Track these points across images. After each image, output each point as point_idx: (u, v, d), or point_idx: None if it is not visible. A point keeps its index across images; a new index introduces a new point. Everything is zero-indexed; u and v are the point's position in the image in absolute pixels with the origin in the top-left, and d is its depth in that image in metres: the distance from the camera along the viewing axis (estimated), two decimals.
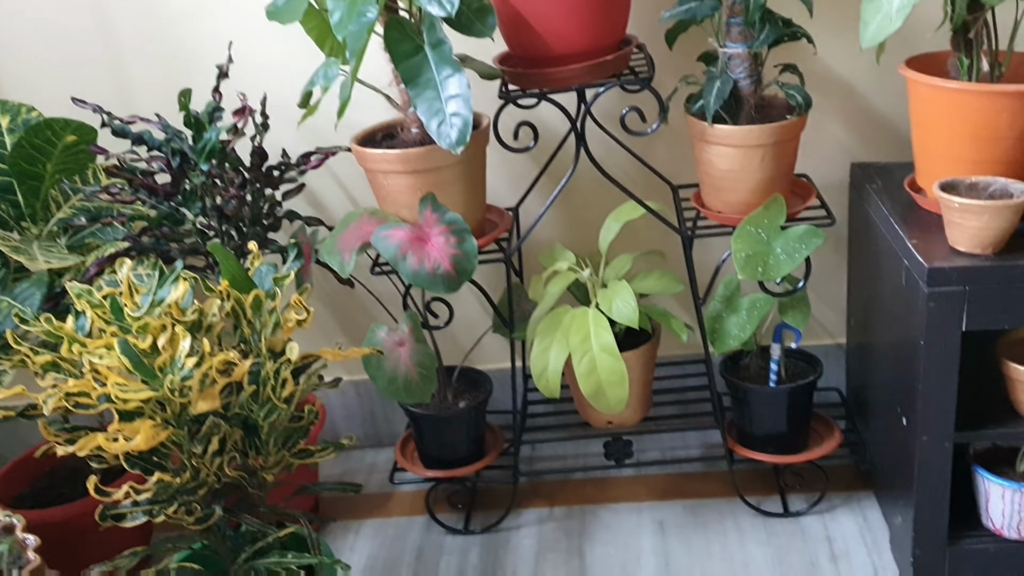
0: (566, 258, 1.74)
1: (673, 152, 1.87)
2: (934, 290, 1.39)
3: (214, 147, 1.59)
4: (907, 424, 1.53)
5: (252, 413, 1.29)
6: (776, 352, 1.74)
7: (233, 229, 1.68)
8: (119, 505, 1.25)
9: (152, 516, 1.26)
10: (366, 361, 1.64)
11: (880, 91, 1.80)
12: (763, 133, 1.54)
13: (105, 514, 1.24)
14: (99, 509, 1.23)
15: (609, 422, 1.81)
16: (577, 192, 1.91)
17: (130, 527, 1.38)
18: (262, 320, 1.36)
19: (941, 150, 1.49)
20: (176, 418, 1.23)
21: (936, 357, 1.42)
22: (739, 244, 1.58)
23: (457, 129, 1.44)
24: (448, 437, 1.82)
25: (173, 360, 1.21)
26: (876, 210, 1.62)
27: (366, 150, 1.62)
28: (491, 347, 2.08)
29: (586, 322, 1.62)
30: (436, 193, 1.59)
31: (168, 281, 1.27)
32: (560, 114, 1.77)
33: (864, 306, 1.77)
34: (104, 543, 1.57)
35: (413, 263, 1.54)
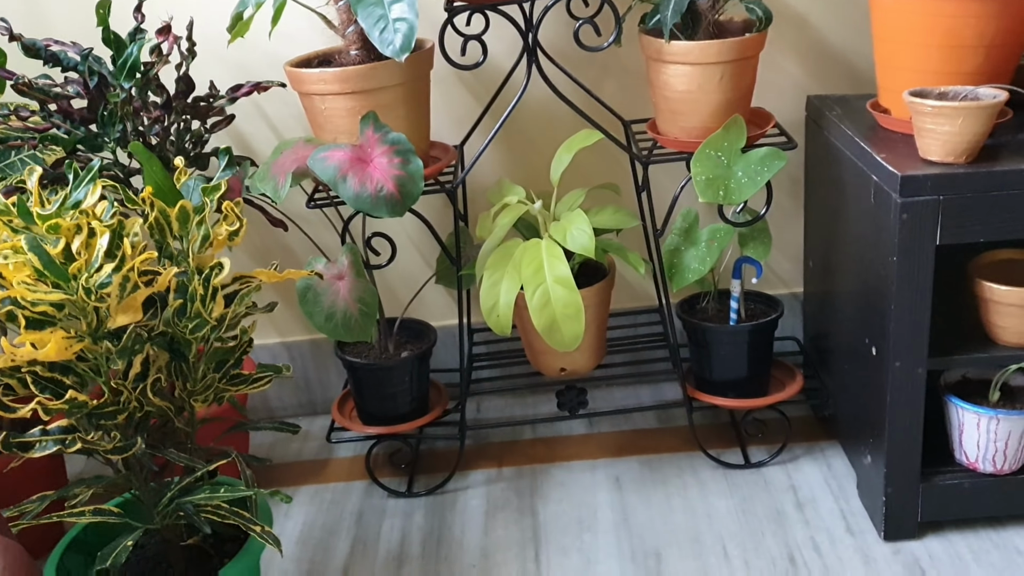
0: (515, 192, 1.64)
1: (624, 88, 1.80)
2: (907, 200, 1.32)
3: (136, 63, 1.45)
4: (877, 353, 1.47)
5: (178, 330, 1.15)
6: (736, 288, 1.66)
7: None
8: (27, 434, 1.10)
9: (64, 446, 1.11)
10: (301, 296, 1.51)
11: (835, 22, 1.76)
12: (723, 49, 1.47)
13: (9, 442, 1.09)
14: (2, 436, 1.08)
15: (562, 369, 1.70)
16: (524, 130, 1.82)
17: (40, 462, 1.23)
18: (189, 236, 1.22)
19: (907, 63, 1.44)
20: (92, 332, 1.09)
21: (909, 273, 1.36)
22: (699, 168, 1.50)
23: (402, 34, 1.34)
24: (389, 390, 1.69)
25: (89, 264, 1.07)
26: (838, 135, 1.56)
27: (301, 71, 1.50)
28: (435, 303, 1.96)
29: (539, 253, 1.52)
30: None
31: (84, 181, 1.13)
32: (503, 47, 1.69)
33: (824, 243, 1.71)
34: (11, 490, 1.41)
35: (354, 185, 1.42)
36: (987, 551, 1.51)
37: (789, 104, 1.80)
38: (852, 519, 1.60)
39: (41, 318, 1.04)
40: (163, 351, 1.19)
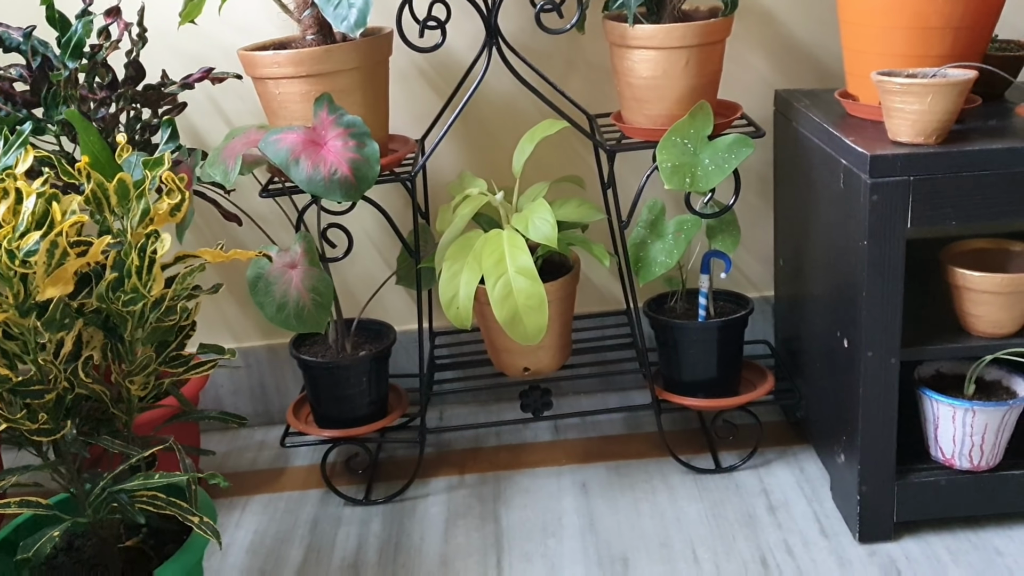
0: (477, 184, 1.59)
1: (589, 84, 1.76)
2: (877, 181, 1.29)
3: (80, 41, 1.40)
4: (849, 345, 1.42)
5: (112, 305, 1.08)
6: (705, 284, 1.61)
7: None
8: None
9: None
10: (252, 285, 1.45)
11: (801, 17, 1.73)
12: (688, 32, 1.44)
13: None
14: None
15: (526, 369, 1.64)
16: (486, 124, 1.78)
17: None
18: (130, 211, 1.16)
19: (874, 47, 1.41)
20: (19, 305, 1.02)
21: (880, 258, 1.32)
22: (665, 155, 1.46)
23: (357, 9, 1.30)
24: (347, 391, 1.62)
25: (14, 230, 1.00)
26: (807, 123, 1.52)
27: (255, 54, 1.45)
28: (394, 307, 1.90)
29: (500, 243, 1.47)
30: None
31: (13, 146, 1.07)
32: (467, 42, 1.66)
33: (795, 238, 1.67)
34: None
35: (307, 167, 1.37)
36: (965, 551, 1.45)
37: (756, 100, 1.77)
38: (826, 521, 1.55)
39: None
40: (98, 330, 1.12)
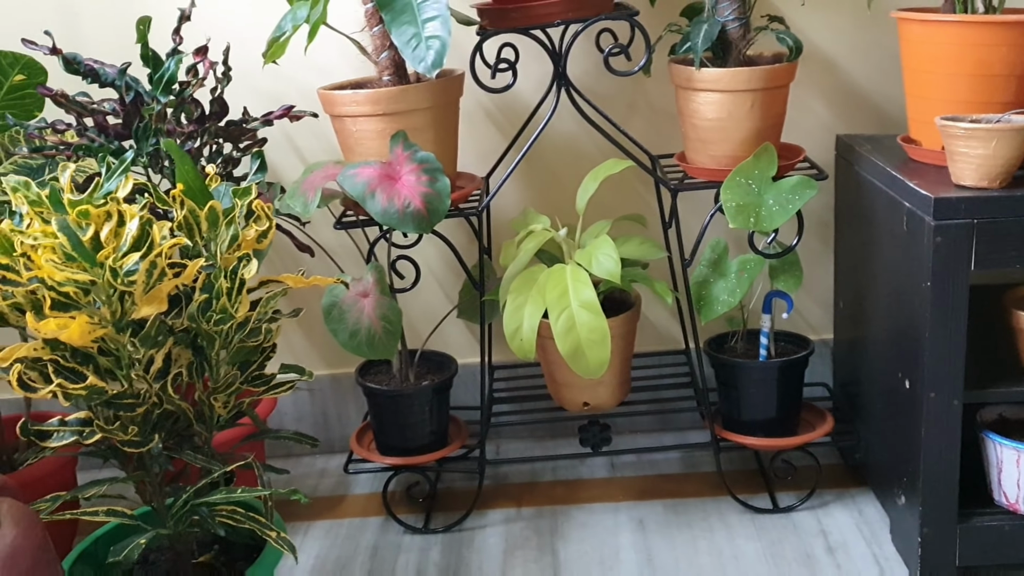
0: (540, 221, 1.64)
1: (652, 126, 1.81)
2: (941, 223, 1.31)
3: (172, 77, 1.48)
4: (911, 386, 1.43)
5: (202, 324, 1.14)
6: (767, 323, 1.63)
7: None
8: (45, 423, 1.08)
9: (82, 438, 1.09)
10: (327, 312, 1.50)
11: (862, 66, 1.77)
12: (753, 76, 1.48)
13: (28, 429, 1.06)
14: (21, 422, 1.06)
15: (585, 403, 1.67)
16: (550, 162, 1.83)
17: (53, 469, 1.21)
18: (218, 237, 1.22)
19: (938, 93, 1.44)
20: (116, 321, 1.08)
21: (944, 299, 1.34)
22: (729, 194, 1.49)
23: (435, 51, 1.35)
24: (409, 419, 1.66)
25: (116, 250, 1.06)
26: (869, 167, 1.55)
27: (335, 93, 1.52)
28: (455, 339, 1.95)
29: (564, 277, 1.51)
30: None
31: (116, 173, 1.14)
32: (532, 85, 1.71)
33: (856, 280, 1.69)
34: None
35: (382, 200, 1.42)
36: None
37: (818, 145, 1.80)
38: (886, 563, 1.54)
39: (66, 300, 1.03)
40: (186, 349, 1.17)
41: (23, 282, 1.01)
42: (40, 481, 1.50)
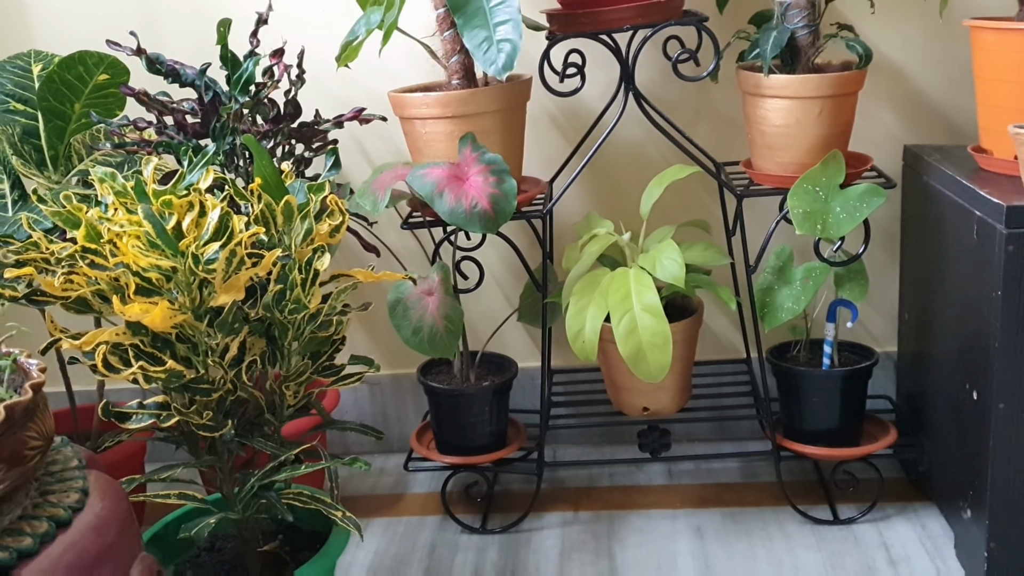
0: (604, 225, 1.65)
1: (716, 134, 1.81)
2: (1013, 231, 1.29)
3: (250, 78, 1.52)
4: (979, 397, 1.41)
5: (276, 314, 1.17)
6: (831, 332, 1.62)
7: None
8: (125, 406, 1.12)
9: (160, 420, 1.12)
10: (392, 308, 1.52)
11: (931, 75, 1.76)
12: (822, 83, 1.48)
13: (108, 410, 1.10)
14: (102, 403, 1.10)
15: (645, 408, 1.67)
16: (613, 168, 1.84)
17: (127, 454, 1.24)
18: (293, 230, 1.25)
19: (1011, 102, 1.42)
20: (195, 308, 1.11)
21: (1014, 309, 1.32)
22: (796, 201, 1.49)
23: (505, 54, 1.38)
24: (469, 419, 1.68)
25: (198, 239, 1.10)
26: (938, 176, 1.54)
27: (405, 95, 1.55)
28: (515, 344, 1.96)
29: (627, 281, 1.52)
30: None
31: (198, 165, 1.17)
32: (597, 91, 1.72)
33: (922, 291, 1.67)
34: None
35: (450, 200, 1.45)
36: None
37: (885, 154, 1.78)
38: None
39: (149, 286, 1.07)
40: (260, 339, 1.21)
41: (109, 266, 1.05)
42: (114, 467, 1.54)
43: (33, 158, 1.64)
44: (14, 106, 1.66)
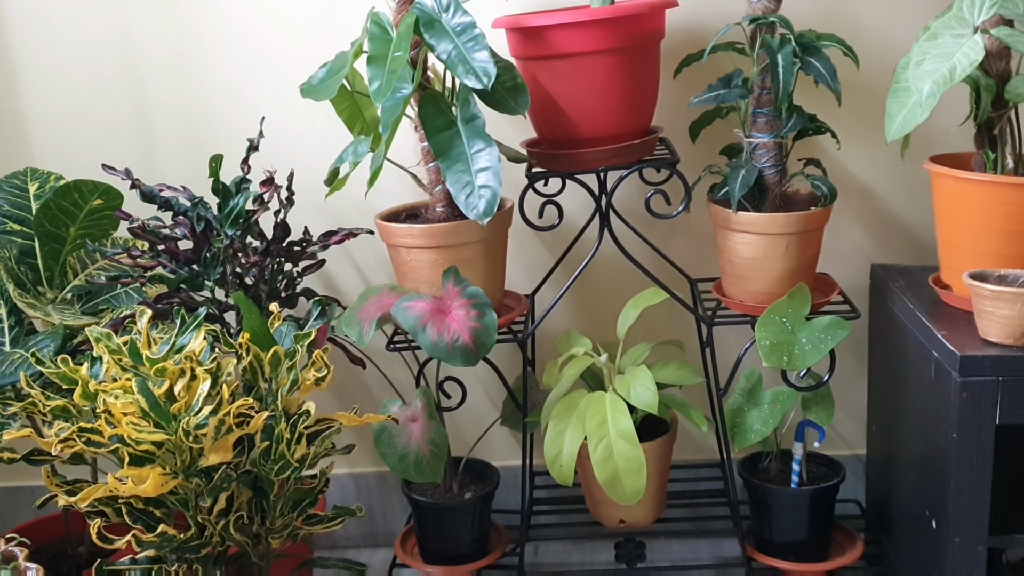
0: (582, 344, 1.71)
1: (691, 247, 1.88)
2: (967, 379, 1.36)
3: (240, 212, 1.58)
4: (937, 527, 1.47)
5: (263, 470, 1.23)
6: (799, 451, 1.69)
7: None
8: (117, 562, 1.18)
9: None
10: (376, 437, 1.58)
11: (899, 195, 1.83)
12: (788, 221, 1.54)
13: (102, 570, 1.16)
14: (96, 564, 1.15)
15: (621, 521, 1.73)
16: (593, 281, 1.91)
17: None
18: (279, 379, 1.31)
19: (968, 244, 1.49)
20: (186, 469, 1.17)
21: (969, 452, 1.38)
22: (763, 332, 1.56)
23: (486, 200, 1.44)
24: (451, 530, 1.74)
25: (189, 406, 1.16)
26: (901, 307, 1.60)
27: (391, 224, 1.62)
28: (497, 443, 2.02)
29: (603, 406, 1.58)
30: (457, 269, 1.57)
31: (189, 328, 1.23)
32: (579, 204, 1.79)
33: (887, 409, 1.74)
34: None
35: (432, 334, 1.51)
36: None
37: (854, 270, 1.85)
38: None
39: (142, 455, 1.13)
40: (246, 488, 1.26)
41: (106, 442, 1.10)
42: None
43: (29, 277, 1.69)
44: (11, 227, 1.71)
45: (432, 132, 1.50)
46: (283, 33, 1.84)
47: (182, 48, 1.85)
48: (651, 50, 1.58)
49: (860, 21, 1.75)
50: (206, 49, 1.85)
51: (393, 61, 1.44)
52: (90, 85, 1.87)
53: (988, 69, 1.46)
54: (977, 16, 1.37)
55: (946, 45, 1.37)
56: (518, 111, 1.49)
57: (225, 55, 1.85)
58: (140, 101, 1.89)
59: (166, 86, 1.87)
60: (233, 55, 1.85)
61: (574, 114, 1.56)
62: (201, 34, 1.84)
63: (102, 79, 1.87)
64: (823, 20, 1.73)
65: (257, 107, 1.84)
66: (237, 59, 1.85)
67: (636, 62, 1.54)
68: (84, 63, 1.86)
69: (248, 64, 1.85)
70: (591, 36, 1.49)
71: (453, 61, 1.43)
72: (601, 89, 1.53)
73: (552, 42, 1.51)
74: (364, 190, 1.83)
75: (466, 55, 1.42)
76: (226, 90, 1.87)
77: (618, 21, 1.49)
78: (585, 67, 1.52)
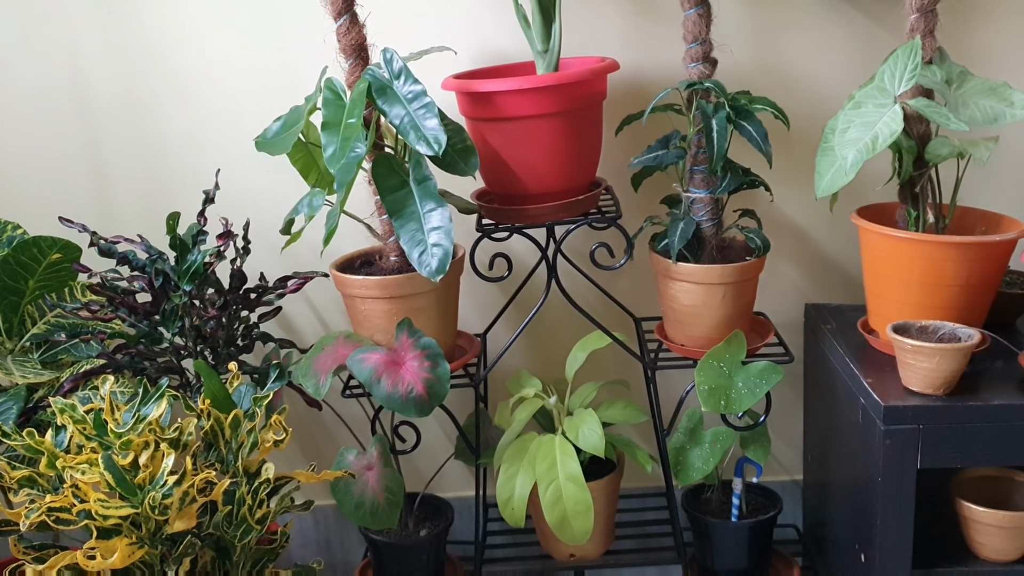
0: (533, 385, 1.78)
1: (636, 287, 1.95)
2: (890, 428, 1.45)
3: (198, 269, 1.63)
4: (865, 561, 1.57)
5: (226, 534, 1.28)
6: (738, 486, 1.78)
7: (208, 349, 1.70)
8: None
9: None
10: (334, 486, 1.64)
11: (832, 237, 1.92)
12: (724, 272, 1.63)
13: None
14: None
15: (571, 555, 1.81)
16: (544, 321, 1.98)
17: None
18: (239, 440, 1.37)
19: (892, 295, 1.58)
20: (151, 537, 1.22)
21: (893, 494, 1.48)
22: (702, 377, 1.64)
23: (438, 259, 1.50)
24: (408, 567, 1.80)
25: (154, 478, 1.21)
26: (831, 350, 1.70)
27: (346, 276, 1.67)
28: (452, 475, 2.08)
29: (552, 450, 1.65)
30: (411, 318, 1.63)
31: (152, 398, 1.28)
32: (529, 247, 1.85)
33: (821, 443, 1.84)
34: None
35: (387, 386, 1.56)
36: None
37: (790, 307, 1.95)
38: None
39: (110, 528, 1.17)
40: (210, 549, 1.32)
41: (75, 519, 1.15)
42: None
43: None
44: None
45: (386, 192, 1.55)
46: (237, 82, 1.88)
47: (136, 95, 1.88)
48: (594, 110, 1.65)
49: (793, 73, 1.83)
50: (161, 96, 1.88)
51: (347, 128, 1.49)
52: (44, 130, 1.89)
53: (909, 132, 1.55)
54: (897, 87, 1.46)
55: (869, 114, 1.45)
56: (468, 172, 1.55)
57: (180, 103, 1.88)
58: (95, 146, 1.91)
59: (121, 132, 1.90)
60: (188, 103, 1.88)
61: (522, 172, 1.62)
62: (156, 82, 1.87)
63: (56, 124, 1.89)
64: (759, 74, 1.81)
65: (213, 153, 1.89)
66: (193, 106, 1.88)
67: (580, 122, 1.61)
68: (37, 107, 1.88)
69: (204, 112, 1.89)
70: (537, 101, 1.55)
71: (405, 128, 1.49)
72: (547, 149, 1.60)
73: (500, 106, 1.57)
74: (320, 234, 1.89)
75: (418, 122, 1.48)
76: (181, 136, 1.90)
77: (562, 87, 1.55)
78: (531, 129, 1.58)
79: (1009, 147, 1.82)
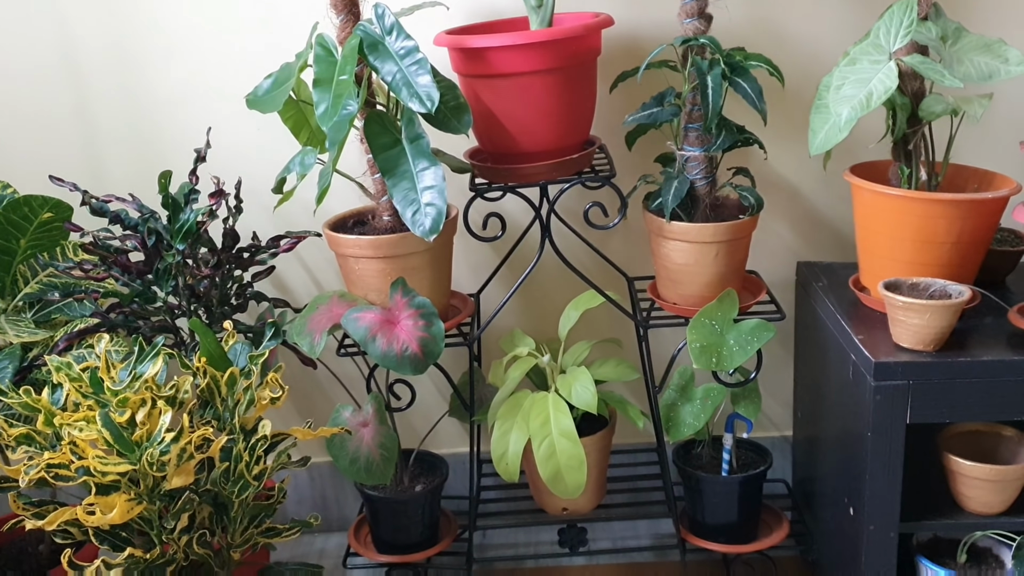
0: (526, 343, 1.79)
1: (629, 246, 1.96)
2: (880, 384, 1.47)
3: (190, 228, 1.62)
4: (854, 514, 1.60)
5: (223, 490, 1.29)
6: (728, 442, 1.80)
7: (202, 308, 1.70)
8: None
9: None
10: (329, 441, 1.65)
11: (824, 195, 1.92)
12: (717, 231, 1.63)
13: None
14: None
15: (564, 508, 1.83)
16: (537, 281, 1.98)
17: None
18: (235, 397, 1.37)
19: (884, 252, 1.59)
20: (149, 493, 1.23)
21: (882, 449, 1.50)
22: (694, 335, 1.65)
23: (431, 218, 1.50)
24: (403, 521, 1.82)
25: (151, 435, 1.22)
26: (823, 307, 1.71)
27: (339, 235, 1.67)
28: (446, 432, 2.10)
29: (546, 406, 1.67)
30: (404, 278, 1.63)
31: (148, 356, 1.29)
32: (522, 207, 1.85)
33: (811, 399, 1.85)
34: None
35: (382, 345, 1.57)
36: None
37: (782, 265, 1.95)
38: None
39: (108, 484, 1.18)
40: (207, 505, 1.33)
41: (73, 475, 1.16)
42: None
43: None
44: None
45: (378, 150, 1.55)
46: (228, 38, 1.86)
47: (125, 51, 1.86)
48: (588, 67, 1.64)
49: (788, 30, 1.82)
50: (151, 52, 1.86)
51: (339, 84, 1.48)
52: (32, 87, 1.87)
53: (903, 88, 1.55)
54: (892, 43, 1.45)
55: (864, 71, 1.45)
56: (461, 131, 1.54)
57: (170, 59, 1.87)
58: (84, 104, 1.90)
59: (110, 89, 1.88)
60: (178, 59, 1.86)
61: (515, 130, 1.62)
62: (144, 38, 1.85)
63: (44, 81, 1.87)
64: (754, 31, 1.80)
65: (203, 110, 1.88)
66: (182, 63, 1.87)
67: (574, 80, 1.60)
68: (25, 64, 1.86)
69: (193, 68, 1.87)
70: (530, 57, 1.54)
71: (397, 84, 1.48)
72: (541, 106, 1.59)
73: (493, 62, 1.56)
74: (313, 193, 1.89)
75: (410, 79, 1.47)
76: (171, 93, 1.88)
77: (556, 43, 1.54)
78: (525, 86, 1.57)
79: (1003, 104, 1.82)
